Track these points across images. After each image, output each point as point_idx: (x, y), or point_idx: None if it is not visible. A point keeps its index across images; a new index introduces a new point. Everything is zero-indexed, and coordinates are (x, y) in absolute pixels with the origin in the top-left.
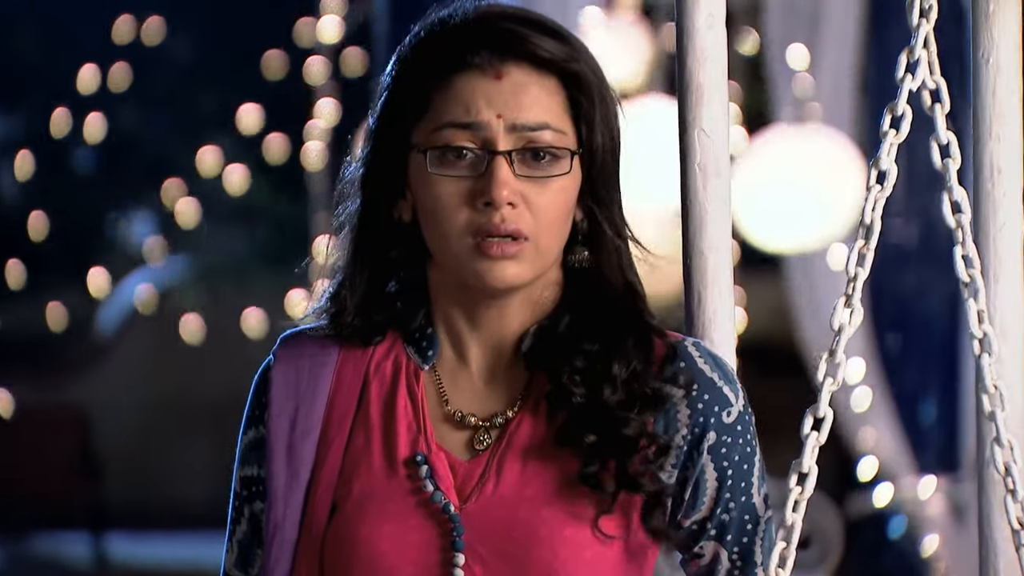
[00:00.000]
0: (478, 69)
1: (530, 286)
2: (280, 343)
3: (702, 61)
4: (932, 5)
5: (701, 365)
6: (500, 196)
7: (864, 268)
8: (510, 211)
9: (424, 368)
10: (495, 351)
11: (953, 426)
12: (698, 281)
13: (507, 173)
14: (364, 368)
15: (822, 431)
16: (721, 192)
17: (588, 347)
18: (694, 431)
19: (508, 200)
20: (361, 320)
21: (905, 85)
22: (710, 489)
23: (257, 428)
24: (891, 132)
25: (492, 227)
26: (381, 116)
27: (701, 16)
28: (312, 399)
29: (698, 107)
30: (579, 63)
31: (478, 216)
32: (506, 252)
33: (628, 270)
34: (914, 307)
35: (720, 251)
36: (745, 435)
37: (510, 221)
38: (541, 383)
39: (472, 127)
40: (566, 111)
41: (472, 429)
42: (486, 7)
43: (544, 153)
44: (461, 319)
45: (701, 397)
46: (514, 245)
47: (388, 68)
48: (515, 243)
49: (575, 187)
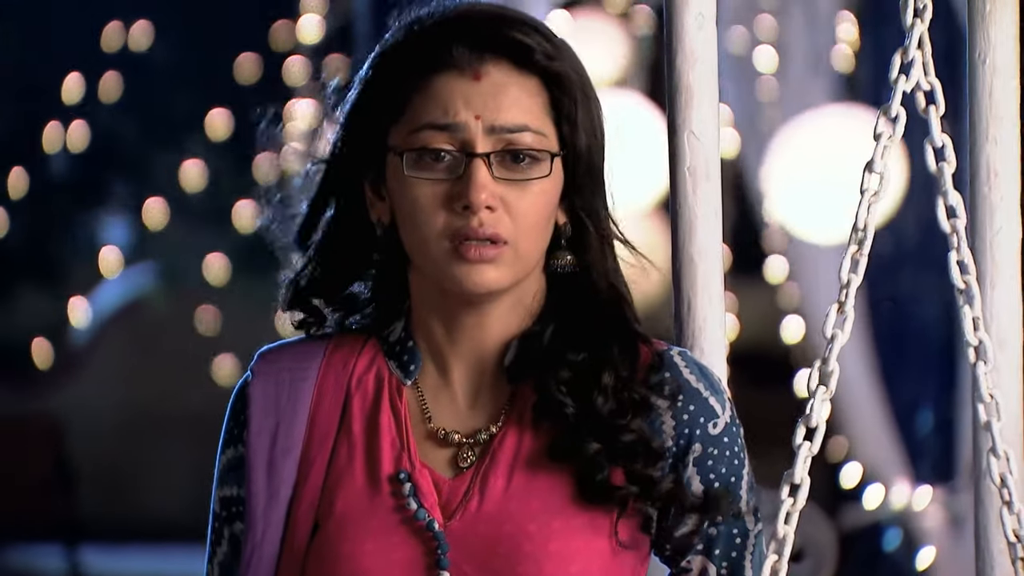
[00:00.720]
0: (456, 69)
1: (511, 292)
2: (258, 358)
3: (692, 62)
4: (927, 5)
5: (687, 375)
6: (478, 199)
7: (857, 274)
8: (488, 215)
9: (406, 383)
10: (477, 366)
11: (949, 436)
12: (688, 288)
13: (485, 176)
14: (346, 382)
15: (815, 441)
16: (711, 196)
17: (573, 357)
18: (679, 443)
19: (487, 203)
20: (339, 327)
21: (899, 86)
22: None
23: (236, 447)
24: (885, 134)
25: (470, 231)
26: (356, 116)
27: (690, 16)
28: (293, 415)
29: (688, 109)
30: (561, 62)
31: (456, 220)
32: (484, 256)
33: (613, 274)
34: (909, 314)
35: (710, 257)
36: (732, 446)
37: (488, 225)
38: (525, 396)
39: (450, 128)
40: (547, 111)
41: (455, 446)
42: (465, 6)
43: (524, 155)
44: (441, 330)
45: (687, 408)
46: (493, 249)
47: (365, 65)
48: (494, 247)
49: (556, 189)
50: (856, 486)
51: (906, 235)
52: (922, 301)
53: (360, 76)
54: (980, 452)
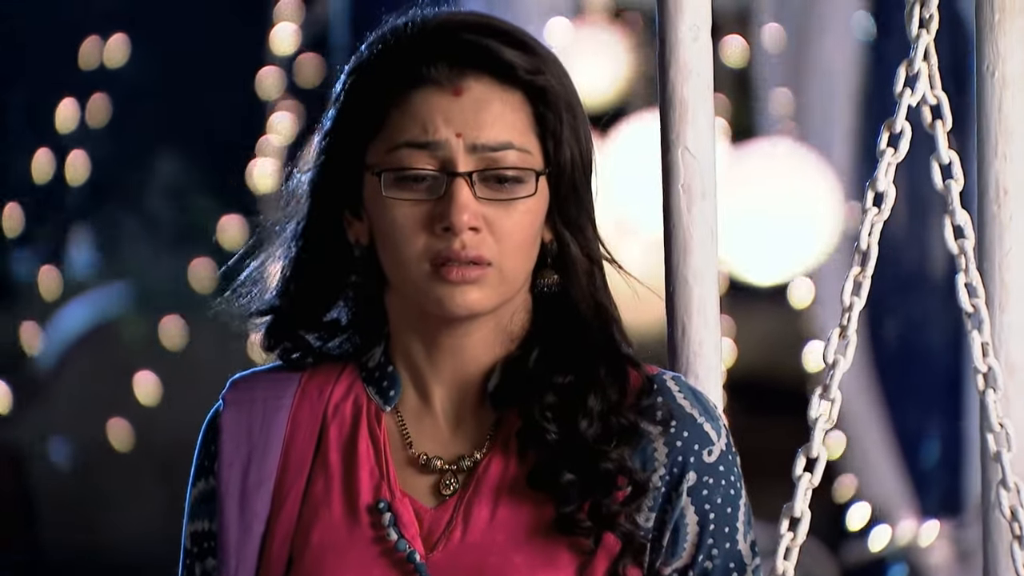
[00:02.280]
0: (435, 84)
1: (494, 314)
2: (230, 386)
3: (686, 75)
4: (933, 15)
5: (680, 400)
6: (460, 221)
7: (860, 297)
8: (471, 236)
9: (386, 409)
10: (460, 390)
11: (957, 467)
12: (682, 311)
13: (467, 196)
14: (322, 410)
15: (815, 472)
16: (707, 215)
17: (559, 380)
18: (672, 471)
19: (469, 225)
20: (315, 355)
21: (904, 100)
22: (691, 534)
23: (207, 479)
24: (889, 151)
25: (452, 253)
26: (333, 132)
27: (684, 26)
28: (266, 445)
29: (682, 124)
30: (545, 75)
31: (437, 242)
32: (467, 277)
33: (600, 293)
34: (915, 339)
35: (706, 279)
36: (728, 476)
37: (471, 247)
38: (511, 422)
39: (430, 147)
40: (531, 127)
41: (438, 473)
42: (445, 15)
43: (507, 175)
44: (421, 354)
45: (680, 434)
46: (476, 269)
47: (341, 80)
48: (477, 267)
49: (542, 208)
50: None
51: (911, 255)
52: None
53: (335, 91)
54: (989, 484)
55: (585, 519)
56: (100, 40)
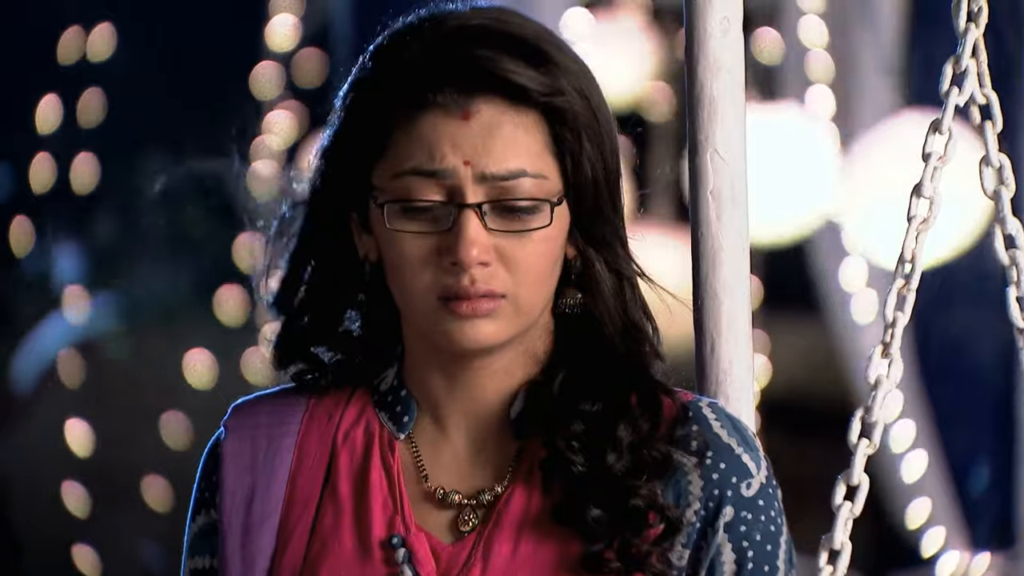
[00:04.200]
0: (442, 108)
1: (514, 342)
2: (232, 413)
3: (715, 71)
4: (982, 7)
5: (717, 429)
6: (468, 256)
7: (905, 312)
8: (481, 271)
9: (399, 438)
10: (479, 417)
11: (1009, 494)
12: (711, 327)
13: (477, 229)
14: (331, 438)
15: (856, 501)
16: (738, 223)
17: (586, 408)
18: (708, 505)
19: (479, 260)
20: (327, 376)
21: (951, 99)
22: (727, 573)
23: (207, 513)
24: (935, 154)
25: (461, 290)
26: (337, 149)
27: (714, 19)
28: (271, 476)
29: (710, 124)
30: (563, 94)
31: (445, 277)
32: (478, 310)
33: (631, 312)
34: (962, 357)
35: (737, 292)
36: (768, 511)
37: (482, 281)
38: (534, 452)
39: (436, 175)
40: (547, 147)
41: (456, 508)
42: (456, 22)
43: (520, 205)
44: (438, 380)
45: (716, 466)
46: (488, 302)
47: (344, 91)
48: (490, 300)
49: (560, 233)
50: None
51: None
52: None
53: (339, 105)
54: None
55: (614, 559)
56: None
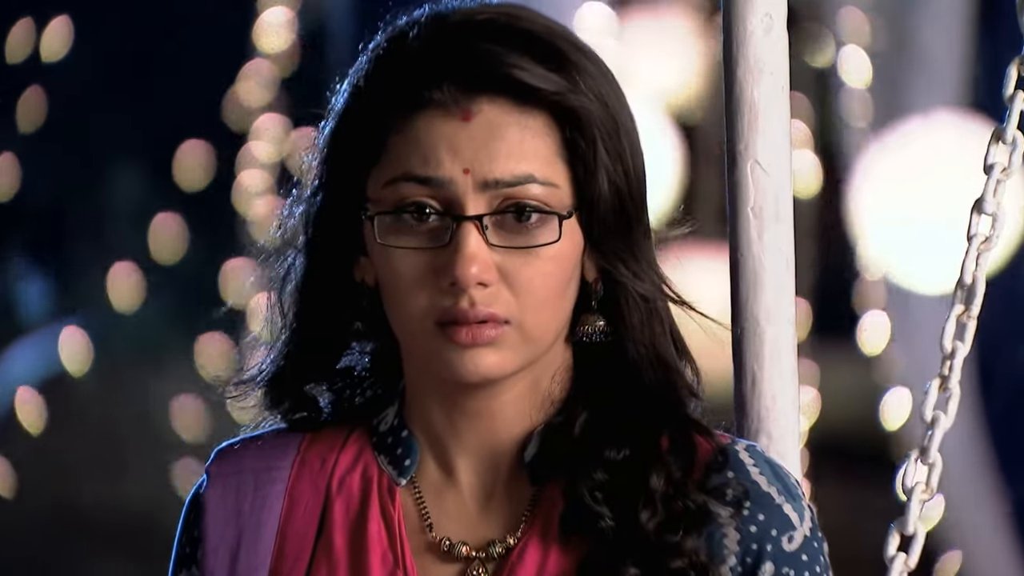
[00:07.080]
0: (441, 108)
1: (525, 373)
2: (215, 457)
3: (756, 74)
4: None
5: (756, 476)
6: (467, 276)
7: (964, 341)
8: (482, 292)
9: (401, 483)
10: (488, 461)
11: None
12: (751, 358)
13: (477, 245)
14: (325, 484)
15: (911, 552)
16: (782, 243)
17: (612, 455)
18: (745, 561)
19: (479, 279)
20: (321, 415)
21: (1016, 105)
22: None
23: (189, 570)
24: (998, 165)
25: (458, 313)
26: (330, 157)
27: (755, 17)
28: (258, 527)
29: (751, 133)
30: (576, 94)
31: (442, 298)
32: (479, 338)
33: (661, 341)
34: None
35: (781, 320)
36: (813, 566)
37: (482, 304)
38: (551, 500)
39: (431, 183)
40: (559, 154)
41: (463, 561)
42: (463, 14)
43: (529, 212)
44: (442, 416)
45: (755, 517)
46: (491, 329)
47: (338, 94)
48: (492, 326)
49: (573, 250)
50: None
51: None
52: None
53: (333, 107)
54: None
55: None
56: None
